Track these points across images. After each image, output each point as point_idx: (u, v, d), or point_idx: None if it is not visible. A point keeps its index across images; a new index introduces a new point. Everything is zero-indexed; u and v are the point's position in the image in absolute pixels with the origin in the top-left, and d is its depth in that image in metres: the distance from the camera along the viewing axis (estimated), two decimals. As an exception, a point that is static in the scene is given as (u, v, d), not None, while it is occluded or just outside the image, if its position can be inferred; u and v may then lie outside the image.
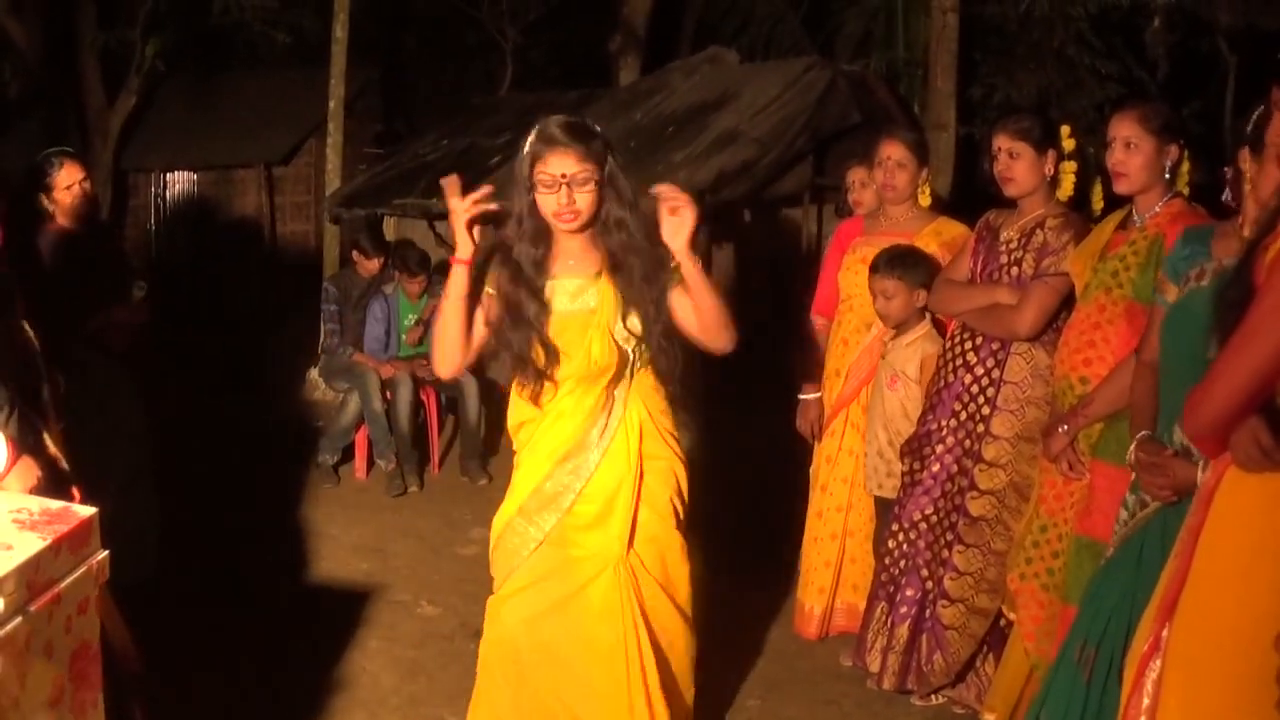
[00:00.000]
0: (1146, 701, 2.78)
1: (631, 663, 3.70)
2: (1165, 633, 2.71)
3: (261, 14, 13.90)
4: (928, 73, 11.27)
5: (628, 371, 3.69)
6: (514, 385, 3.75)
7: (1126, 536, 3.39)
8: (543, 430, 3.70)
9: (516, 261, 3.59)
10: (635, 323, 3.61)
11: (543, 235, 3.61)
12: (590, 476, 3.66)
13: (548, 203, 3.51)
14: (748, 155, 8.86)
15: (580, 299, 3.63)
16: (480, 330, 3.68)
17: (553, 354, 3.59)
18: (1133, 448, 3.34)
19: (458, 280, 3.53)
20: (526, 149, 3.53)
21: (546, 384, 3.64)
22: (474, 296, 3.60)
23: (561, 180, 3.46)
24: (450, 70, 18.31)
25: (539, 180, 3.49)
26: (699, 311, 3.57)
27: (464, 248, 3.50)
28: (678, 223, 3.48)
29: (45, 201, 5.27)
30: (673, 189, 3.55)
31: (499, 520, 3.78)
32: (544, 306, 3.61)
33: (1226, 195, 3.51)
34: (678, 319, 3.63)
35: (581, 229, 3.60)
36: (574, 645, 3.71)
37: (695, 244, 3.53)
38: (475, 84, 17.13)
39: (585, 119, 3.64)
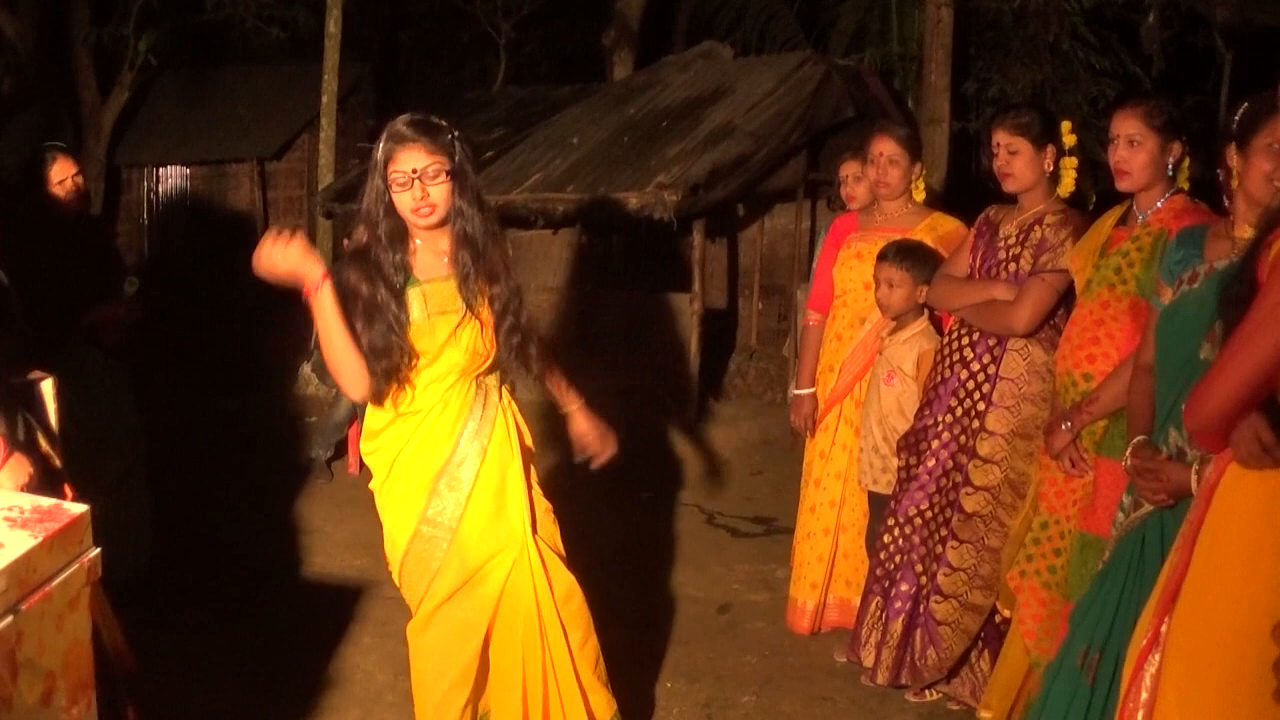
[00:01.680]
0: (1145, 695, 2.79)
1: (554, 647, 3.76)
2: (1164, 627, 2.72)
3: (255, 9, 13.87)
4: (922, 67, 11.27)
5: (494, 361, 3.76)
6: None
7: (1123, 536, 3.38)
8: (420, 431, 3.69)
9: (375, 262, 3.60)
10: (485, 319, 3.69)
11: (400, 237, 3.62)
12: (480, 466, 3.68)
13: (404, 201, 3.52)
14: (742, 150, 8.87)
15: (453, 300, 3.64)
16: None
17: (412, 354, 3.59)
18: (1128, 453, 3.33)
19: (325, 298, 3.50)
20: (379, 152, 3.54)
21: (409, 386, 3.64)
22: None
23: (413, 175, 3.48)
24: (444, 65, 18.29)
25: (393, 180, 3.51)
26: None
27: (314, 268, 3.48)
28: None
29: (39, 196, 5.25)
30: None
31: (399, 539, 3.74)
32: (403, 304, 3.60)
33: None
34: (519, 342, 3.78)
35: (440, 224, 3.62)
36: (499, 640, 3.78)
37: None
38: (469, 79, 17.12)
39: (431, 116, 3.64)
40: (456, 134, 3.63)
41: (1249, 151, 3.23)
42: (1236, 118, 3.29)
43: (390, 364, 3.55)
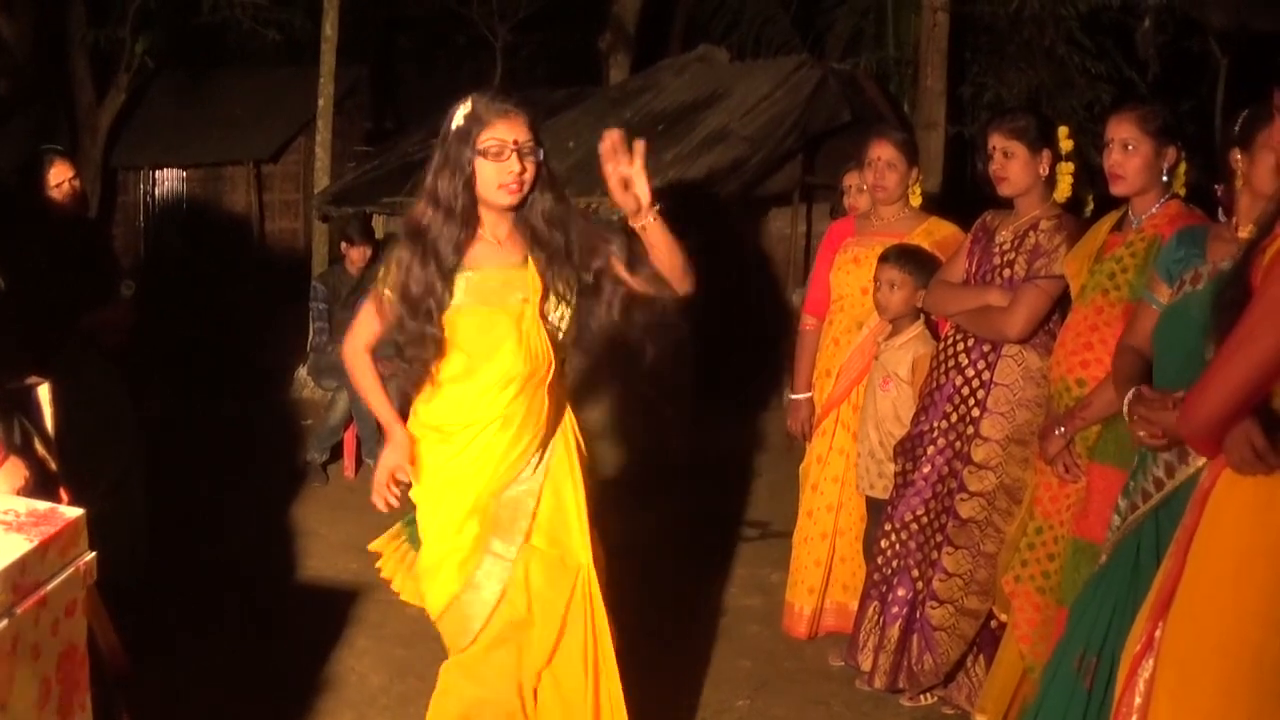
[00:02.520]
0: (1138, 700, 2.79)
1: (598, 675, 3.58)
2: (1158, 632, 2.72)
3: (251, 11, 13.87)
4: (918, 71, 11.29)
5: (558, 365, 3.53)
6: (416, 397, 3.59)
7: (1119, 541, 3.38)
8: (474, 448, 3.46)
9: (433, 241, 3.39)
10: (564, 311, 3.51)
11: (471, 216, 3.43)
12: (541, 490, 3.50)
13: (495, 173, 3.37)
14: (738, 154, 8.88)
15: (510, 291, 3.44)
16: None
17: (442, 346, 3.44)
18: (1127, 400, 3.29)
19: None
20: (464, 120, 3.39)
21: (459, 393, 3.46)
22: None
23: (513, 147, 3.35)
24: (440, 68, 18.27)
25: (486, 148, 3.35)
26: (663, 263, 3.40)
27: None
28: (629, 178, 3.32)
29: (35, 200, 5.25)
30: (610, 144, 3.34)
31: (446, 572, 3.49)
32: (449, 290, 3.41)
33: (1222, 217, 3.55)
34: (628, 276, 3.48)
35: (517, 206, 3.45)
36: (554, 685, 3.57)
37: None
38: (465, 82, 17.02)
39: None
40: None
41: (1253, 148, 3.25)
42: (1239, 122, 3.32)
43: (424, 355, 3.43)
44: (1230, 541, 2.57)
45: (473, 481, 3.45)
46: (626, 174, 3.29)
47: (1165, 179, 3.83)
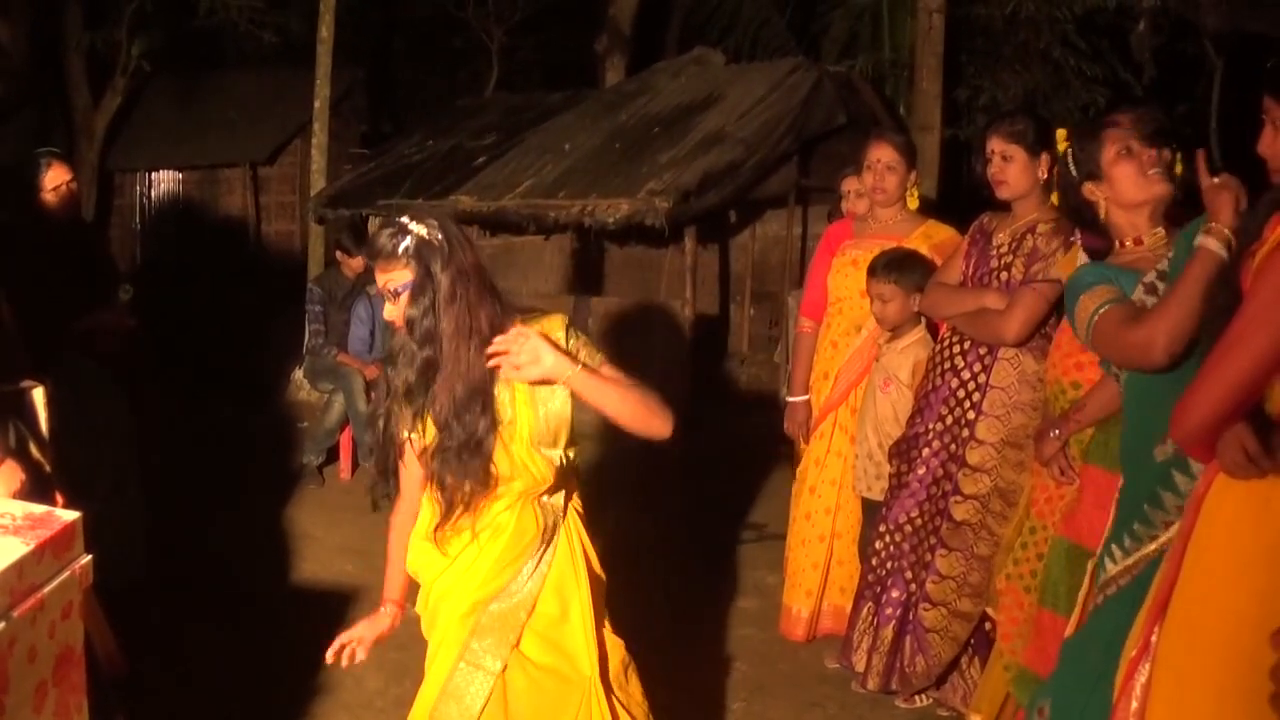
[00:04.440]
0: (1135, 705, 2.79)
1: None
2: (1154, 637, 2.73)
3: (247, 14, 13.88)
4: (913, 74, 11.28)
5: (563, 478, 3.33)
6: (425, 512, 3.35)
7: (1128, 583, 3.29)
8: (465, 556, 3.30)
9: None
10: (557, 407, 3.23)
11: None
12: (535, 602, 3.26)
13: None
14: (733, 156, 8.88)
15: (503, 409, 3.23)
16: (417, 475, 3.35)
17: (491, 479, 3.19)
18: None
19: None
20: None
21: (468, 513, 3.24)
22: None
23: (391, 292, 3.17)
24: (436, 71, 18.30)
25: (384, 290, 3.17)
26: (610, 415, 3.17)
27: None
28: (524, 365, 3.04)
29: (32, 203, 5.25)
30: (495, 344, 3.08)
31: (439, 667, 3.32)
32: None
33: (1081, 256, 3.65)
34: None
35: None
36: None
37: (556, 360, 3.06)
38: (461, 85, 17.13)
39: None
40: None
41: (1106, 172, 3.39)
42: (1073, 161, 3.47)
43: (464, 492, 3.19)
44: (1225, 546, 2.57)
45: (464, 591, 3.31)
46: (523, 376, 3.09)
47: None
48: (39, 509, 2.72)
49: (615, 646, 3.46)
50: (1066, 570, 3.71)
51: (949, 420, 4.46)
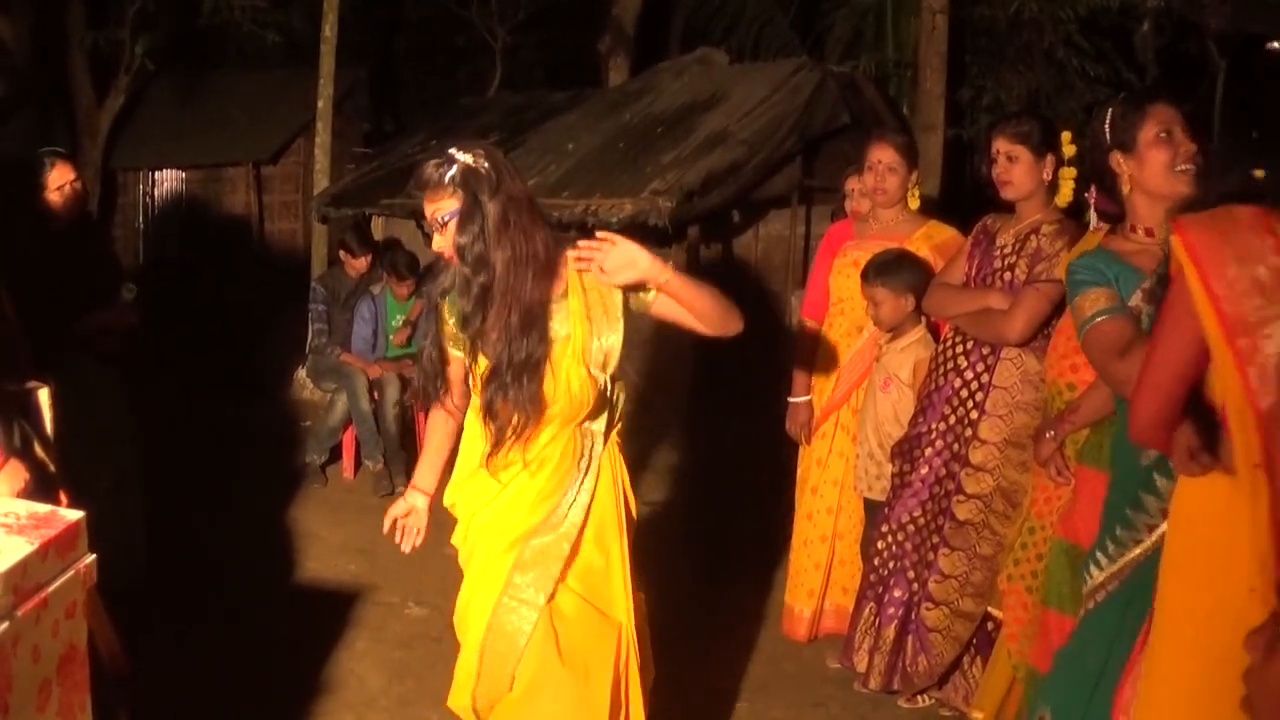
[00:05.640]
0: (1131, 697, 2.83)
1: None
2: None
3: (251, 13, 13.85)
4: (917, 74, 11.28)
5: (603, 404, 3.39)
6: (470, 440, 3.44)
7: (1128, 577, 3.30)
8: (507, 492, 3.36)
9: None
10: (612, 341, 3.34)
11: None
12: (578, 536, 3.33)
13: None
14: (736, 156, 8.87)
15: (555, 327, 3.29)
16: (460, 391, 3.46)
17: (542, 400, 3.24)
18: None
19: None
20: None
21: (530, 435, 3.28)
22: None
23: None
24: (439, 70, 18.27)
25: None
26: (697, 315, 3.31)
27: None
28: (614, 268, 3.18)
29: (36, 202, 5.25)
30: (581, 251, 3.20)
31: (480, 606, 3.35)
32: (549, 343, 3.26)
33: (1092, 218, 3.61)
34: (671, 316, 3.37)
35: None
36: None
37: (655, 256, 3.20)
38: (464, 84, 17.09)
39: None
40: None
41: (1137, 149, 3.34)
42: (1109, 123, 3.38)
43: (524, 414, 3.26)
44: (1191, 545, 2.63)
45: (506, 526, 3.36)
46: (616, 279, 3.22)
47: None
48: (43, 508, 2.73)
49: (639, 601, 3.52)
50: (1067, 570, 3.72)
51: (952, 420, 4.47)
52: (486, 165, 3.19)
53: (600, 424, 3.41)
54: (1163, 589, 2.70)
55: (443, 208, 3.20)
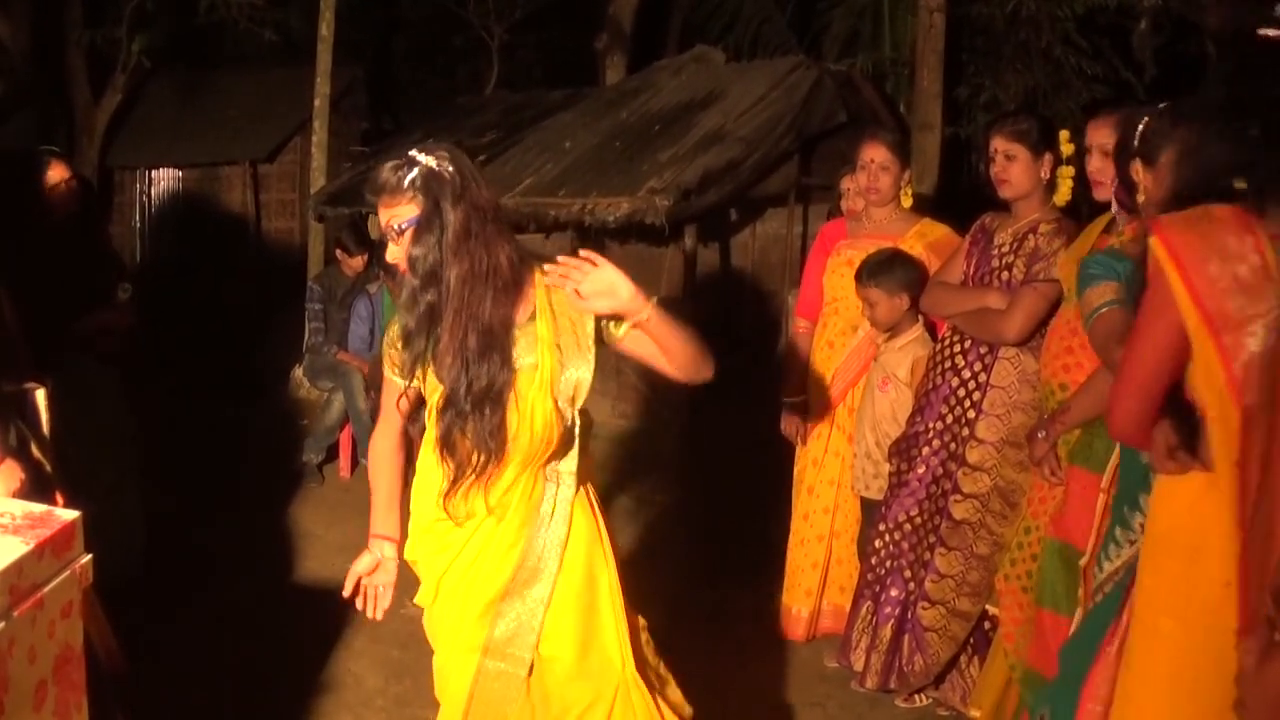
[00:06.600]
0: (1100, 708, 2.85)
1: None
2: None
3: (248, 12, 13.85)
4: (914, 72, 11.26)
5: (570, 441, 3.09)
6: (424, 479, 3.17)
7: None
8: (472, 545, 3.09)
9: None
10: (583, 373, 3.03)
11: None
12: (555, 582, 3.06)
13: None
14: (734, 154, 8.86)
15: (520, 354, 3.01)
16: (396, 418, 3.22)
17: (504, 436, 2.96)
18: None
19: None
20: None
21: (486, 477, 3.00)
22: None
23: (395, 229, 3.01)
24: (436, 69, 18.26)
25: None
26: (670, 356, 3.04)
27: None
28: (592, 293, 2.90)
29: (33, 201, 5.24)
30: (558, 268, 2.94)
31: (454, 679, 3.13)
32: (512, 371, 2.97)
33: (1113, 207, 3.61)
34: (639, 355, 3.10)
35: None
36: None
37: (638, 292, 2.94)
38: (461, 83, 17.09)
39: None
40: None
41: (1157, 167, 3.28)
42: (1139, 134, 3.31)
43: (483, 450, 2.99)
44: (1169, 544, 2.63)
45: (477, 585, 3.10)
46: (592, 307, 2.94)
47: None
48: (39, 508, 2.73)
49: (638, 630, 3.27)
50: (1062, 570, 3.73)
51: (949, 419, 4.47)
52: (451, 169, 2.94)
53: (568, 464, 3.10)
54: (1141, 582, 2.73)
55: (399, 214, 2.93)
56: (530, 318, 3.01)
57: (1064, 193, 4.39)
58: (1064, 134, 4.40)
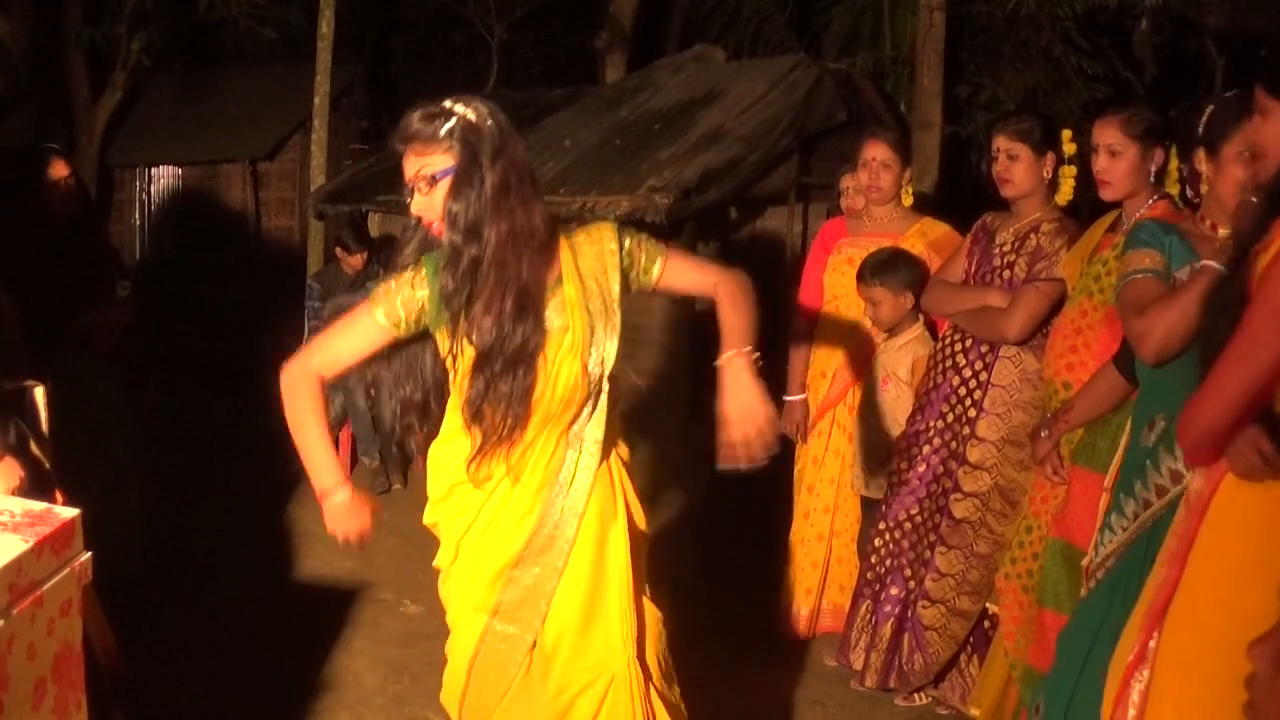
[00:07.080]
0: (1133, 713, 2.79)
1: None
2: (1153, 642, 2.72)
3: (247, 10, 13.86)
4: (914, 71, 11.26)
5: (595, 403, 3.04)
6: (446, 444, 3.12)
7: (1123, 552, 3.31)
8: (489, 509, 3.04)
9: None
10: (611, 338, 2.99)
11: None
12: (570, 552, 3.01)
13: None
14: (733, 153, 8.85)
15: (550, 316, 2.95)
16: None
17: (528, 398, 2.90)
18: None
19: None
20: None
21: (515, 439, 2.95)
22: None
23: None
24: (436, 67, 18.29)
25: None
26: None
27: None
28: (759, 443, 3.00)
29: (32, 199, 5.23)
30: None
31: (463, 639, 3.11)
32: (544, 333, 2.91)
33: (1188, 193, 3.57)
34: (678, 289, 3.20)
35: None
36: None
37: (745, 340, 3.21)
38: (461, 81, 17.09)
39: None
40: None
41: (1220, 158, 3.26)
42: (1204, 123, 3.30)
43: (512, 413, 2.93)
44: (1235, 548, 2.57)
45: (492, 548, 3.05)
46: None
47: (1153, 180, 3.81)
48: (38, 506, 2.73)
49: (654, 620, 3.19)
50: (1064, 570, 3.73)
51: (950, 418, 4.47)
52: (490, 124, 2.85)
53: (593, 430, 3.05)
54: (1192, 590, 2.66)
55: (432, 163, 2.88)
56: (558, 280, 2.95)
57: (1066, 192, 4.38)
58: (1066, 133, 4.39)
